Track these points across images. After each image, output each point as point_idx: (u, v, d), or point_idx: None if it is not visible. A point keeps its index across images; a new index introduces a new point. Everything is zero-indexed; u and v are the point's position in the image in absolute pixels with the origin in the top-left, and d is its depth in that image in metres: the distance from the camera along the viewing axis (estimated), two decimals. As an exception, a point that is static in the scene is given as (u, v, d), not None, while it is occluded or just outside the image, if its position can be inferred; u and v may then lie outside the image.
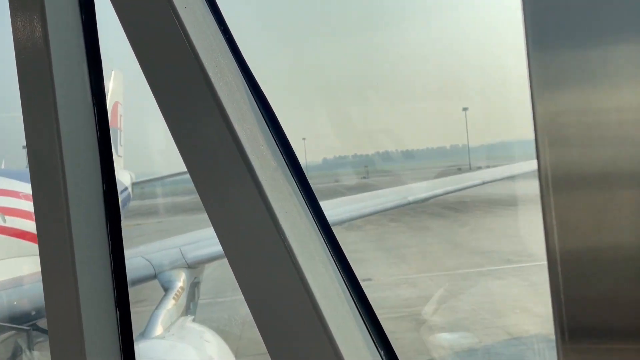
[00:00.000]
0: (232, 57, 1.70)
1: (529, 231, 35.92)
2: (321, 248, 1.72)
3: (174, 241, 11.12)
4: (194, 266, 10.10)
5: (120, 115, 25.80)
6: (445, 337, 15.88)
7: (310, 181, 1.75)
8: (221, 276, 28.14)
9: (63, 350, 1.78)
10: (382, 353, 1.60)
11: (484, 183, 17.85)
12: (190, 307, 9.74)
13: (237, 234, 1.67)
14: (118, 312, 1.89)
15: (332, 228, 1.80)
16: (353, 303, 1.69)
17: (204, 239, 11.07)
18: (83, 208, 1.82)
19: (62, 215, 1.79)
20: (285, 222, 1.57)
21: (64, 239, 1.78)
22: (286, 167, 1.74)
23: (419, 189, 16.18)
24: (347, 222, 14.09)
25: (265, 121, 1.74)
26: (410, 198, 14.35)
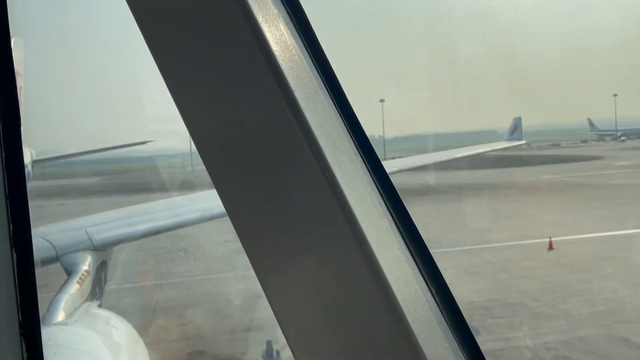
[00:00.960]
0: None
1: (435, 220, 37.54)
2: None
3: (80, 222, 10.32)
4: (102, 248, 9.43)
5: (20, 87, 23.70)
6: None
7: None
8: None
9: None
10: (432, 287, 1.38)
11: (400, 171, 18.32)
12: (97, 291, 9.07)
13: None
14: (19, 295, 1.65)
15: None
16: (397, 230, 1.40)
17: (112, 220, 10.42)
18: None
19: None
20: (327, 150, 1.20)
21: None
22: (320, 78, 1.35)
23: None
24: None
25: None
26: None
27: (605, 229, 28.70)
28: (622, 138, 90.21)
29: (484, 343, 13.89)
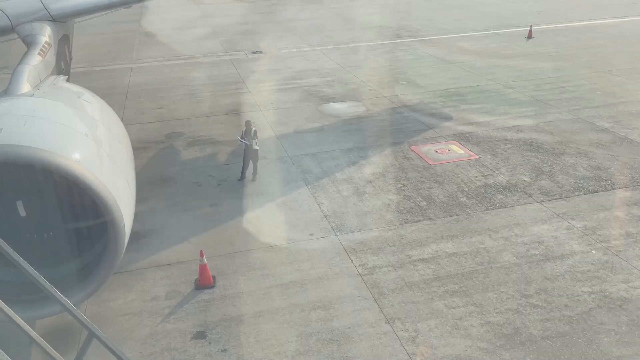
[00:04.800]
0: None
1: (421, 7, 35.73)
2: None
3: None
4: (60, 19, 8.54)
5: None
6: (334, 107, 16.25)
7: None
8: (95, 41, 25.73)
9: None
10: None
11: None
12: (62, 66, 8.48)
13: None
14: None
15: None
16: None
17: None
18: None
19: None
20: None
21: None
22: None
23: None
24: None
25: None
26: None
27: (584, 18, 28.01)
28: None
29: (456, 127, 14.28)
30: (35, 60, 6.98)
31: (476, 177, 11.47)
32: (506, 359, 6.69)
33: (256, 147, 11.52)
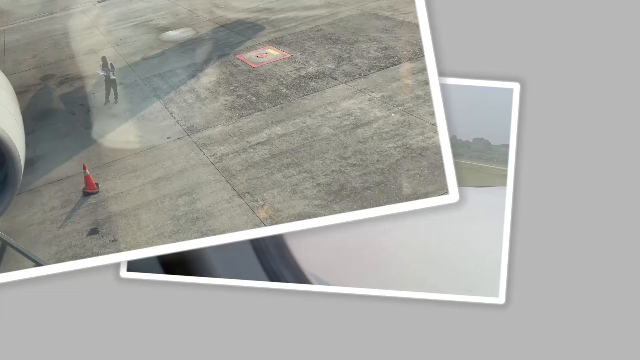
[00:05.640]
0: None
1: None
2: None
3: None
4: None
5: None
6: (170, 34, 14.96)
7: None
8: None
9: None
10: None
11: None
12: None
13: None
14: None
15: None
16: None
17: None
18: None
19: None
20: None
21: None
22: None
23: None
24: None
25: None
26: None
27: None
28: None
29: (269, 35, 13.83)
30: None
31: (291, 71, 11.44)
32: (337, 210, 7.07)
33: (113, 77, 11.03)
